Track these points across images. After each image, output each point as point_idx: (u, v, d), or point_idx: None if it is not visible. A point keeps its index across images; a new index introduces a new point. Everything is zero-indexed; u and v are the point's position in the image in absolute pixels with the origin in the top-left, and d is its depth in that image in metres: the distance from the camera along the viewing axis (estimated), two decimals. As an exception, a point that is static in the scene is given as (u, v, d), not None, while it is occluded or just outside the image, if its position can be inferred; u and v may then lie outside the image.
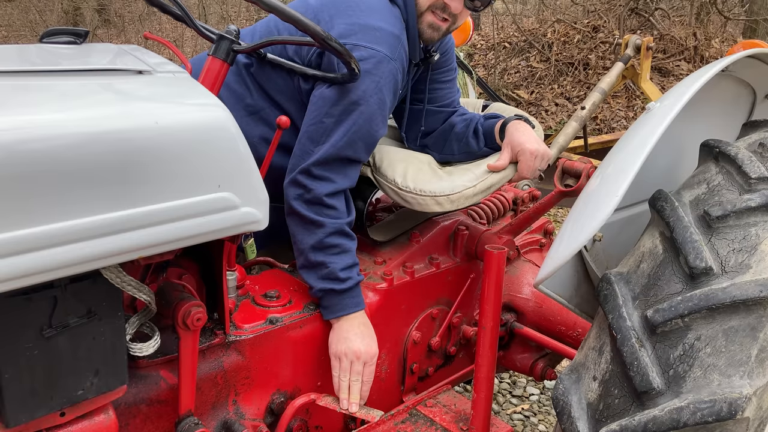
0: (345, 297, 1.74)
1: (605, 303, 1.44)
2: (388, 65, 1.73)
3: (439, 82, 2.15)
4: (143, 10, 12.35)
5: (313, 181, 1.72)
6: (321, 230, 1.72)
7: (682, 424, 1.22)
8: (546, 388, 3.31)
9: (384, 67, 1.72)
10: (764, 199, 1.37)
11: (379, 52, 1.71)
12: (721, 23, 9.02)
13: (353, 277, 1.75)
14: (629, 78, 4.40)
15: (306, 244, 1.73)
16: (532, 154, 1.94)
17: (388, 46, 1.73)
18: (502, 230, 2.23)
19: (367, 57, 1.70)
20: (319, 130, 1.73)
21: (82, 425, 1.23)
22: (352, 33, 1.73)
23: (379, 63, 1.71)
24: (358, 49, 1.70)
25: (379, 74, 1.71)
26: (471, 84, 4.12)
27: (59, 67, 1.30)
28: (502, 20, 10.27)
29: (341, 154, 1.72)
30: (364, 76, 1.69)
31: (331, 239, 1.72)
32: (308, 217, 1.71)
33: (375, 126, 1.75)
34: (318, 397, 1.71)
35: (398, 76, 1.78)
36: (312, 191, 1.71)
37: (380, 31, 1.74)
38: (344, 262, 1.74)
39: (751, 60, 1.73)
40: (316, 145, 1.72)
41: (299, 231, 1.74)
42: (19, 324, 1.09)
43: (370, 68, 1.70)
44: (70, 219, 1.02)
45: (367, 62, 1.70)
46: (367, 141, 1.76)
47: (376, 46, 1.72)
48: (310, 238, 1.72)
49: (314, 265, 1.74)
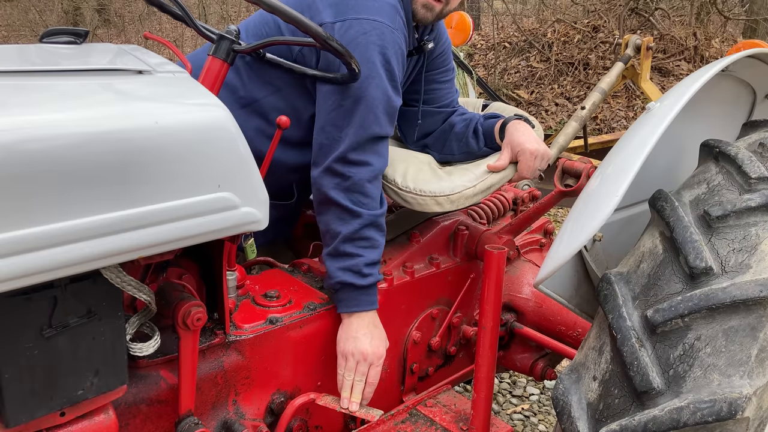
0: (362, 293, 1.73)
1: (605, 303, 1.44)
2: (392, 35, 1.71)
3: (437, 82, 2.14)
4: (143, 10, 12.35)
5: (351, 167, 1.69)
6: (357, 221, 1.70)
7: (682, 424, 1.22)
8: (546, 388, 3.31)
9: (388, 36, 1.70)
10: (764, 199, 1.37)
11: (381, 23, 1.70)
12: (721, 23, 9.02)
13: (374, 275, 1.74)
14: (629, 78, 4.40)
15: (339, 234, 1.71)
16: (532, 154, 1.94)
17: (388, 16, 1.72)
18: (502, 230, 2.23)
19: (370, 29, 1.68)
20: (340, 115, 1.70)
21: (82, 425, 1.23)
22: (350, 7, 1.71)
23: (383, 33, 1.70)
24: (359, 23, 1.68)
25: (385, 44, 1.70)
26: (471, 84, 4.12)
27: (59, 67, 1.30)
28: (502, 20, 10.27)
29: (370, 132, 1.71)
30: (370, 47, 1.68)
31: (366, 231, 1.71)
32: (346, 206, 1.69)
33: (391, 95, 1.74)
34: (318, 397, 1.71)
35: (403, 46, 1.76)
36: (351, 178, 1.69)
37: (377, 2, 1.72)
38: (371, 257, 1.73)
39: (751, 60, 1.73)
40: (342, 129, 1.70)
41: (334, 220, 1.72)
42: (19, 324, 1.09)
43: (374, 39, 1.69)
44: (70, 219, 1.02)
45: (370, 34, 1.68)
46: (389, 112, 1.74)
47: (377, 17, 1.70)
48: (345, 227, 1.70)
49: (341, 255, 1.72)
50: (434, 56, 2.10)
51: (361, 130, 1.70)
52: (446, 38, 2.15)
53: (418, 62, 2.06)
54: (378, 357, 1.73)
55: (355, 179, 1.69)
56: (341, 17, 1.69)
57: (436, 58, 2.10)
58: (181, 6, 1.62)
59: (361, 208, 1.70)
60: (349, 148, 1.69)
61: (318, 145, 1.75)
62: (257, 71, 1.83)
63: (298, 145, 1.87)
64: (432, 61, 2.10)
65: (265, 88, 1.84)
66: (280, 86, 1.83)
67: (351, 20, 1.68)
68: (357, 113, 1.70)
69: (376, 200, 1.74)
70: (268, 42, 1.69)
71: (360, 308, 1.73)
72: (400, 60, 1.76)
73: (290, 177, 1.98)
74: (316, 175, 1.75)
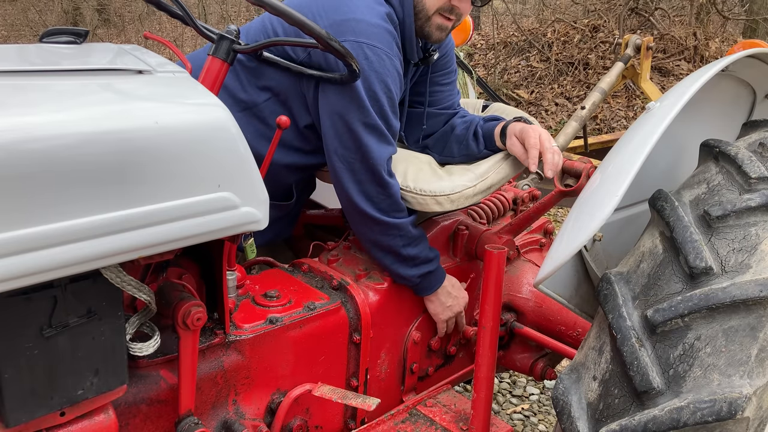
0: (437, 272, 1.96)
1: (605, 303, 1.44)
2: (390, 61, 1.74)
3: (439, 84, 2.15)
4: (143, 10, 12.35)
5: (385, 189, 1.81)
6: (401, 231, 1.86)
7: (682, 423, 1.22)
8: (546, 388, 3.31)
9: (387, 63, 1.73)
10: (764, 199, 1.37)
11: (380, 49, 1.72)
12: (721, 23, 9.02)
13: (436, 254, 1.96)
14: (629, 78, 4.40)
15: (395, 246, 1.86)
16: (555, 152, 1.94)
17: (386, 43, 1.74)
18: (502, 230, 2.23)
19: (371, 55, 1.71)
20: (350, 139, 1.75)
21: (82, 425, 1.23)
22: (351, 30, 1.72)
23: (382, 60, 1.72)
24: (360, 47, 1.70)
25: (384, 71, 1.73)
26: (471, 84, 4.12)
27: (59, 66, 1.30)
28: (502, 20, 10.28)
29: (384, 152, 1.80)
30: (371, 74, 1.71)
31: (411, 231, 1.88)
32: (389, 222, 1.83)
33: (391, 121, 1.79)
34: (314, 388, 1.71)
35: (399, 70, 1.80)
36: (386, 199, 1.82)
37: (376, 27, 1.74)
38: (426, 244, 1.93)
39: (751, 60, 1.73)
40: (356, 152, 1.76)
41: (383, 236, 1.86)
42: (19, 324, 1.09)
43: (375, 66, 1.72)
44: (69, 219, 1.02)
45: (371, 60, 1.71)
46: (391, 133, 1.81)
47: (377, 43, 1.72)
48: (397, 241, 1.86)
49: (407, 259, 1.89)
50: (437, 59, 2.11)
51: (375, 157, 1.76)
52: (449, 41, 2.16)
53: (423, 73, 2.07)
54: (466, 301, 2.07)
55: (390, 200, 1.83)
56: (341, 38, 1.70)
57: (438, 60, 2.11)
58: (182, 6, 1.62)
59: (398, 220, 1.85)
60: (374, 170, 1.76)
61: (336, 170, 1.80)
62: (256, 75, 1.85)
63: (296, 149, 1.89)
64: (435, 64, 2.11)
65: (264, 93, 1.85)
66: (278, 92, 1.85)
67: (351, 42, 1.70)
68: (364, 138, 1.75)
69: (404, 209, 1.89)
70: (269, 42, 1.69)
71: (439, 284, 1.97)
72: (397, 85, 1.80)
73: (289, 178, 1.98)
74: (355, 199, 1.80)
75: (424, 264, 1.91)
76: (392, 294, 1.94)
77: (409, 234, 1.87)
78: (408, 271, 1.90)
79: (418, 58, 1.97)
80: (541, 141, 1.89)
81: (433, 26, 1.88)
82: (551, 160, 1.88)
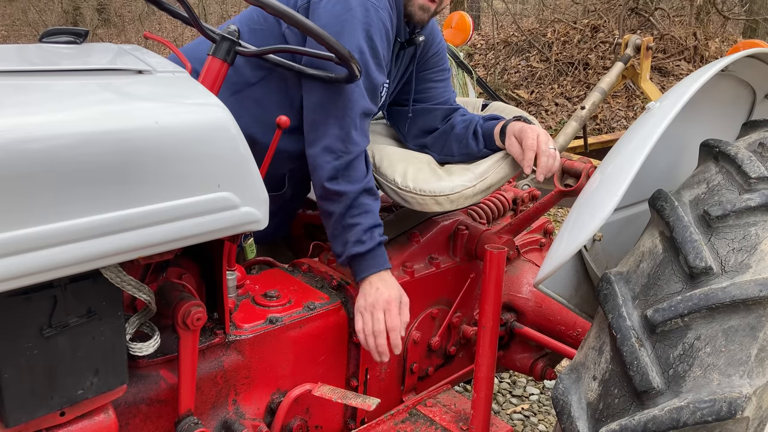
0: (368, 258, 1.76)
1: (605, 303, 1.44)
2: (377, 13, 1.73)
3: (432, 81, 2.15)
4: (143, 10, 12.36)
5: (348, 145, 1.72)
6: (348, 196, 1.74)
7: (682, 423, 1.22)
8: (546, 388, 3.31)
9: (372, 14, 1.72)
10: (764, 199, 1.37)
11: (367, 1, 1.71)
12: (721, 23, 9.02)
13: (374, 238, 1.77)
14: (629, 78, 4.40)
15: (333, 213, 1.75)
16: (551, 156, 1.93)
17: None
18: (502, 230, 2.23)
19: (355, 6, 1.70)
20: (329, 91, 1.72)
21: (82, 425, 1.23)
22: None
23: (368, 11, 1.71)
24: None
25: (369, 21, 1.72)
26: (471, 84, 4.12)
27: (59, 66, 1.30)
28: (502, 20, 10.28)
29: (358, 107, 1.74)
30: (355, 24, 1.70)
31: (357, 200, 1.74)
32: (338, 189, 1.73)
33: (372, 72, 1.76)
34: (314, 388, 1.71)
35: (388, 25, 1.78)
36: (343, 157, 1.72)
37: None
38: (367, 222, 1.76)
39: (751, 60, 1.73)
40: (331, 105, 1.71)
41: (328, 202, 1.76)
42: (19, 324, 1.09)
43: (359, 16, 1.70)
44: (70, 219, 1.02)
45: (355, 11, 1.70)
46: (369, 88, 1.77)
47: None
48: (338, 206, 1.74)
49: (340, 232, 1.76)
50: (429, 56, 2.11)
51: (349, 104, 1.72)
52: (440, 39, 2.16)
53: (411, 60, 2.06)
54: (387, 302, 1.73)
55: (348, 158, 1.73)
56: None
57: (430, 57, 2.11)
58: (188, 6, 1.62)
59: (349, 185, 1.74)
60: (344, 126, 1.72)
61: (310, 122, 1.77)
62: (249, 59, 1.83)
63: (290, 132, 1.87)
64: (427, 61, 2.11)
65: (257, 73, 1.84)
66: (272, 70, 1.83)
67: None
68: (344, 89, 1.72)
69: (362, 172, 1.77)
70: (274, 49, 1.69)
71: (369, 271, 1.76)
72: (384, 38, 1.77)
73: (282, 167, 1.97)
74: (313, 153, 1.76)
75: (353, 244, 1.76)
76: (392, 294, 1.94)
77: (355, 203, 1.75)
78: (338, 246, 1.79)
79: (404, 38, 1.97)
80: (539, 142, 1.89)
81: (416, 5, 1.89)
82: (545, 163, 1.88)
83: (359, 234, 1.75)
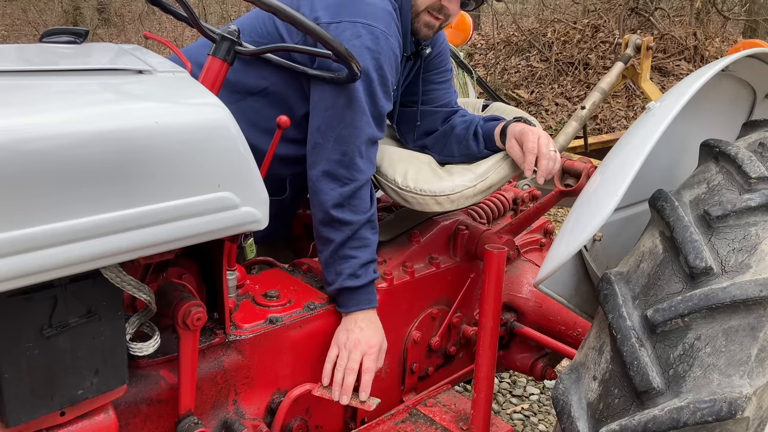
0: (359, 293, 1.75)
1: (605, 303, 1.44)
2: (386, 41, 1.72)
3: (434, 83, 2.15)
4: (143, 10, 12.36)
5: (351, 172, 1.71)
6: (350, 227, 1.73)
7: (682, 423, 1.22)
8: (546, 388, 3.31)
9: (382, 42, 1.71)
10: (764, 199, 1.37)
11: (375, 28, 1.71)
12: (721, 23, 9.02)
13: (369, 274, 1.76)
14: (629, 78, 4.40)
15: (333, 241, 1.73)
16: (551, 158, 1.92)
17: (383, 22, 1.73)
18: (502, 230, 2.23)
19: (364, 33, 1.69)
20: (335, 115, 1.71)
21: (82, 425, 1.23)
22: (345, 10, 1.71)
23: (377, 39, 1.70)
24: (354, 26, 1.69)
25: (378, 49, 1.71)
26: (471, 84, 4.12)
27: (59, 66, 1.30)
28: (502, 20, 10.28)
29: (364, 135, 1.72)
30: (363, 52, 1.68)
31: (358, 233, 1.73)
32: (339, 217, 1.71)
33: (379, 100, 1.75)
34: (314, 387, 1.71)
35: (396, 51, 1.77)
36: (348, 184, 1.71)
37: (373, 6, 1.73)
38: (364, 257, 1.75)
39: (751, 60, 1.73)
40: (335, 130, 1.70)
41: (327, 228, 1.75)
42: (19, 324, 1.09)
43: (368, 44, 1.69)
44: (70, 219, 1.02)
45: (364, 38, 1.69)
46: (376, 116, 1.75)
47: (372, 21, 1.71)
48: (339, 234, 1.73)
49: (336, 261, 1.74)
50: (431, 57, 2.11)
51: (355, 131, 1.71)
52: (443, 40, 2.16)
53: (415, 65, 2.07)
54: (370, 346, 1.72)
55: (351, 188, 1.72)
56: (336, 19, 1.69)
57: (433, 59, 2.12)
58: (188, 6, 1.61)
59: (354, 215, 1.73)
60: (347, 150, 1.70)
61: (312, 144, 1.76)
62: (251, 65, 1.83)
63: (291, 141, 1.87)
64: (429, 62, 2.11)
65: (259, 82, 1.84)
66: (274, 81, 1.83)
67: (346, 23, 1.69)
68: (349, 114, 1.71)
69: (367, 203, 1.76)
70: (274, 48, 1.69)
71: (358, 307, 1.75)
72: (393, 65, 1.77)
73: (283, 171, 1.97)
74: (314, 177, 1.75)
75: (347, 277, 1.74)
76: (392, 294, 1.94)
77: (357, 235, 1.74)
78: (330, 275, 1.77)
79: (410, 51, 1.97)
80: (539, 145, 1.89)
81: (422, 23, 1.90)
82: (545, 166, 1.88)
83: (355, 267, 1.73)
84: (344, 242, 1.73)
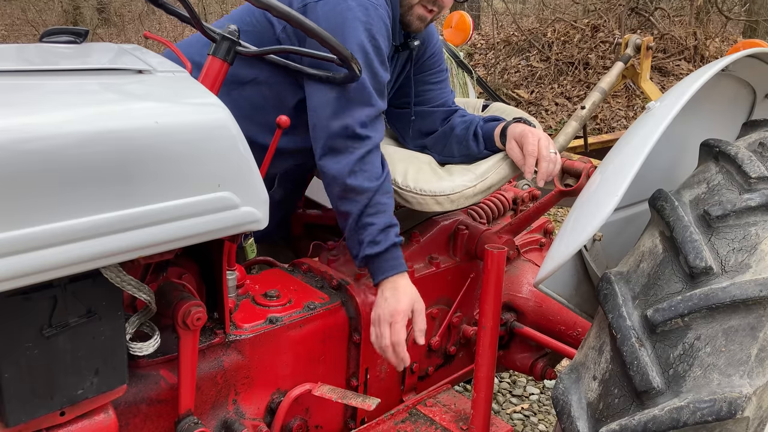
0: (383, 260, 1.72)
1: (605, 302, 1.44)
2: (376, 11, 1.73)
3: (430, 83, 2.15)
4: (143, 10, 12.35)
5: (352, 142, 1.70)
6: (365, 195, 1.70)
7: (682, 423, 1.22)
8: (546, 388, 3.31)
9: (372, 12, 1.72)
10: (764, 199, 1.37)
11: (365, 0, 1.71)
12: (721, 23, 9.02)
13: (389, 238, 1.72)
14: (629, 78, 4.39)
15: (350, 213, 1.71)
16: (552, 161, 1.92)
17: None
18: (502, 230, 2.23)
19: (354, 5, 1.70)
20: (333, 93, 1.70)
21: (82, 425, 1.23)
22: None
23: (366, 9, 1.71)
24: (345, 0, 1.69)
25: (369, 20, 1.71)
26: (471, 84, 4.12)
27: (59, 66, 1.30)
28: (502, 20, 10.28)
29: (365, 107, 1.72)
30: (356, 24, 1.69)
31: (373, 200, 1.71)
32: (352, 185, 1.69)
33: (378, 71, 1.75)
34: (314, 387, 1.71)
35: (386, 20, 1.77)
36: (353, 153, 1.69)
37: None
38: (382, 222, 1.72)
39: (751, 60, 1.73)
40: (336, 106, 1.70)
41: (342, 201, 1.73)
42: (19, 324, 1.09)
43: (359, 15, 1.70)
44: (70, 219, 1.02)
45: (355, 10, 1.69)
46: (377, 88, 1.75)
47: None
48: (355, 205, 1.71)
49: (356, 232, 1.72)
50: (425, 58, 2.11)
51: (355, 105, 1.71)
52: (437, 40, 2.16)
53: (406, 65, 2.06)
54: (393, 315, 1.69)
55: (358, 154, 1.70)
56: None
57: (427, 59, 2.11)
58: (189, 6, 1.61)
59: (367, 181, 1.70)
60: (347, 124, 1.69)
61: (313, 125, 1.75)
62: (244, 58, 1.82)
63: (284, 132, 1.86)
64: (423, 63, 2.11)
65: (251, 72, 1.83)
66: (264, 71, 1.82)
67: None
68: (350, 90, 1.70)
69: (378, 168, 1.74)
70: (275, 49, 1.69)
71: (384, 275, 1.72)
72: (384, 34, 1.77)
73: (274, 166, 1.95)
74: (319, 154, 1.74)
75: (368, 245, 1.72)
76: (392, 294, 1.93)
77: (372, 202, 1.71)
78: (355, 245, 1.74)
79: (399, 42, 1.96)
80: (539, 148, 1.89)
81: (415, 16, 1.89)
82: (545, 168, 1.88)
83: (374, 234, 1.71)
84: (362, 212, 1.71)
